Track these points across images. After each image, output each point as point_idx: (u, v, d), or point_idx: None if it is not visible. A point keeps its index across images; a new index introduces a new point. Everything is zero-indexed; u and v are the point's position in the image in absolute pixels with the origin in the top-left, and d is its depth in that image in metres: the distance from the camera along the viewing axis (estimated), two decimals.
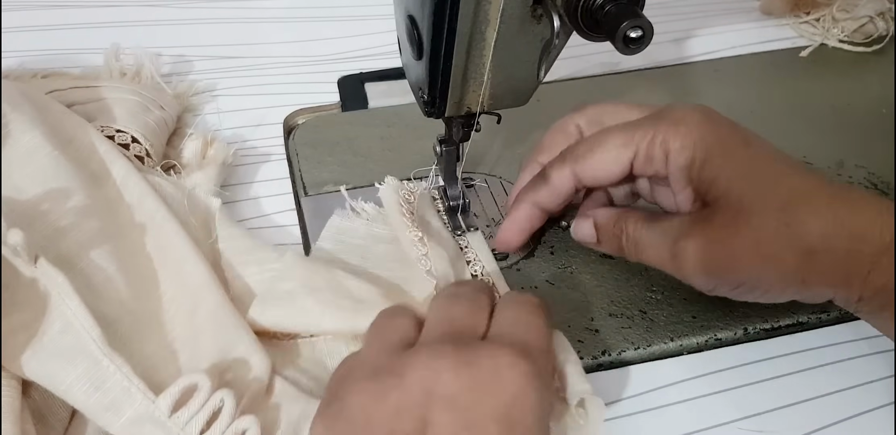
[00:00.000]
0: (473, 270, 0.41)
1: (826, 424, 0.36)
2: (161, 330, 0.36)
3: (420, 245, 0.40)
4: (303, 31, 0.60)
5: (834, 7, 0.61)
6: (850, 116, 0.54)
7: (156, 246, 0.39)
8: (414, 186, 0.44)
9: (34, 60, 0.54)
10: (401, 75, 0.42)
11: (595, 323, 0.39)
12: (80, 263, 0.36)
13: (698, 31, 0.63)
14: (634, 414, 0.36)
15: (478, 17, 0.32)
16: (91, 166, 0.41)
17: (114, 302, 0.35)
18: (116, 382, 0.31)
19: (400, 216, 0.41)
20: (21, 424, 0.31)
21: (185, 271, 0.37)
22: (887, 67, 0.59)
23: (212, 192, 0.43)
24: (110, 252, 0.37)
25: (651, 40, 0.28)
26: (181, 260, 0.38)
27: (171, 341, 0.36)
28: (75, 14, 0.60)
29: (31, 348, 0.31)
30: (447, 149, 0.41)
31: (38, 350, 0.31)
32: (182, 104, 0.51)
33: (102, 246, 0.37)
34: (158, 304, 0.37)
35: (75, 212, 0.37)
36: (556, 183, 0.38)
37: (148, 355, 0.34)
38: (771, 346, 0.39)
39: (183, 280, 0.37)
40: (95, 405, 0.31)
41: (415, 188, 0.44)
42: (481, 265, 0.41)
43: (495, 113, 0.38)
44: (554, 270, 0.42)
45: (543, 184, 0.39)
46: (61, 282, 0.32)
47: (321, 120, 0.53)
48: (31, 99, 0.42)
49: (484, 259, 0.41)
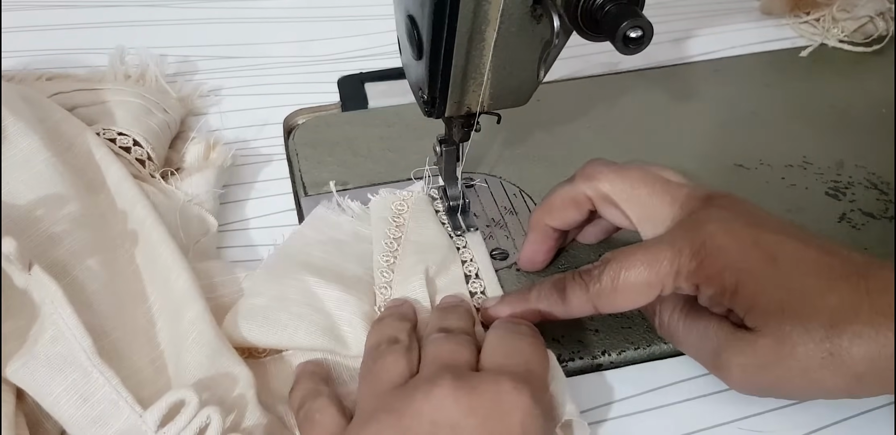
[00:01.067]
0: (468, 271, 0.41)
1: (826, 424, 0.36)
2: (150, 343, 0.36)
3: (387, 271, 0.40)
4: (303, 31, 0.60)
5: (834, 7, 0.61)
6: (850, 116, 0.54)
7: (145, 255, 0.39)
8: (408, 194, 0.44)
9: (35, 61, 0.54)
10: (401, 75, 0.42)
11: (595, 323, 0.39)
12: (72, 272, 0.35)
13: (698, 31, 0.63)
14: (634, 414, 0.36)
15: (478, 17, 0.32)
16: (88, 173, 0.41)
17: (104, 313, 0.35)
18: (105, 395, 0.30)
19: (382, 230, 0.42)
20: (17, 430, 0.31)
21: (171, 280, 0.37)
22: (887, 67, 0.59)
23: (211, 195, 0.43)
24: (102, 262, 0.37)
25: (651, 40, 0.28)
26: (167, 269, 0.37)
27: (160, 354, 0.35)
28: (76, 14, 0.60)
29: (21, 356, 0.31)
30: (447, 149, 0.41)
31: (29, 359, 0.31)
32: (186, 107, 0.51)
33: (95, 255, 0.37)
34: (147, 316, 0.37)
35: (69, 219, 0.37)
36: (575, 310, 0.35)
37: (137, 368, 0.34)
38: None
39: (169, 290, 0.37)
40: (82, 418, 0.30)
41: (409, 196, 0.44)
42: (476, 267, 0.41)
43: (495, 113, 0.38)
44: (554, 271, 0.42)
45: (560, 304, 0.35)
46: (54, 290, 0.31)
47: (321, 120, 0.53)
48: (31, 103, 0.41)
49: (480, 260, 0.41)
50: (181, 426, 0.30)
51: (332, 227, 0.43)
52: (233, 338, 0.36)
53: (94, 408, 0.30)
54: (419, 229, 0.42)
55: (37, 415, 0.33)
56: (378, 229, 0.42)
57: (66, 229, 0.37)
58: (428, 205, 0.44)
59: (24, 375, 0.31)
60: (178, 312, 0.36)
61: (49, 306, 0.31)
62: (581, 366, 0.38)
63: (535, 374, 0.31)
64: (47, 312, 0.31)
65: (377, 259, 0.41)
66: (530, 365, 0.32)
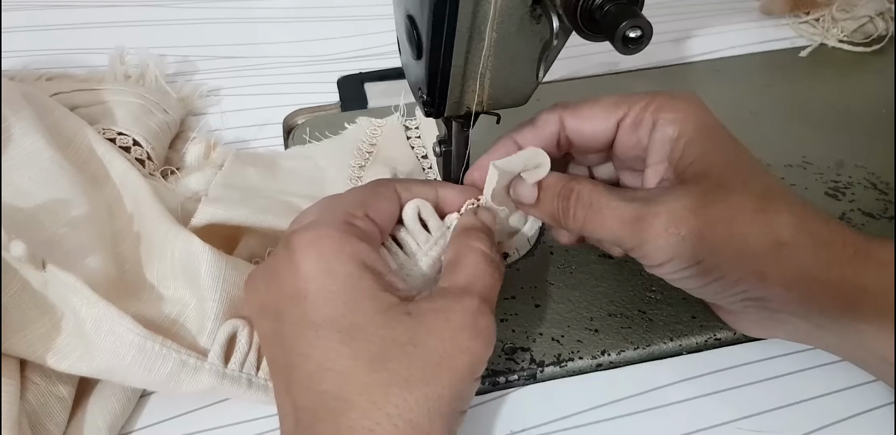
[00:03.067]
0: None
1: (826, 424, 0.36)
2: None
3: (357, 171, 0.45)
4: (303, 31, 0.60)
5: (834, 7, 0.61)
6: (850, 116, 0.54)
7: (149, 248, 0.39)
8: (384, 121, 0.49)
9: (35, 61, 0.54)
10: (400, 75, 0.42)
11: (595, 323, 0.39)
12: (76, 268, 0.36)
13: (698, 31, 0.63)
14: (634, 414, 0.36)
15: (477, 17, 0.32)
16: (91, 168, 0.41)
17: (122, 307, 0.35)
18: (166, 359, 0.33)
19: (356, 145, 0.47)
20: (18, 431, 0.31)
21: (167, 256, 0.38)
22: (887, 67, 0.59)
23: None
24: (106, 258, 0.37)
25: (650, 40, 0.28)
26: (164, 246, 0.38)
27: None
28: (76, 14, 0.60)
29: (74, 350, 0.33)
30: (447, 149, 0.41)
31: (83, 351, 0.33)
32: (186, 107, 0.51)
33: (99, 252, 0.37)
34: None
35: (74, 217, 0.38)
36: (541, 123, 0.36)
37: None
38: (770, 346, 0.39)
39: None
40: (154, 382, 0.33)
41: (384, 123, 0.49)
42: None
43: (495, 113, 0.38)
44: (554, 270, 0.42)
45: (528, 124, 0.37)
46: (73, 282, 0.33)
47: (321, 120, 0.53)
48: (32, 101, 0.42)
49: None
50: (244, 352, 0.34)
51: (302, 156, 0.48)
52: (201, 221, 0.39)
53: (162, 371, 0.33)
54: (390, 150, 0.47)
55: (39, 416, 0.33)
56: (351, 144, 0.47)
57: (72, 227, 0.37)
58: (401, 132, 0.49)
59: (83, 366, 0.33)
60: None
61: (76, 298, 0.33)
62: (581, 366, 0.38)
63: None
64: (77, 304, 0.33)
65: (350, 164, 0.45)
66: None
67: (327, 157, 0.47)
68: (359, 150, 0.47)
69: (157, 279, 0.38)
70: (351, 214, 0.32)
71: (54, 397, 0.34)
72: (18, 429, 0.31)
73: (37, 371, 0.34)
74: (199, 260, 0.36)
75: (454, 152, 0.41)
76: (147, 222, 0.39)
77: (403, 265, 0.34)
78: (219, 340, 0.34)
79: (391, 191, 0.35)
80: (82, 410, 0.35)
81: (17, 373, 0.33)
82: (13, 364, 0.33)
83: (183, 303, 0.37)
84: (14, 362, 0.33)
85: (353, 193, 0.34)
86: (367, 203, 0.33)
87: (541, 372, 0.38)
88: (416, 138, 0.50)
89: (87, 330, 0.32)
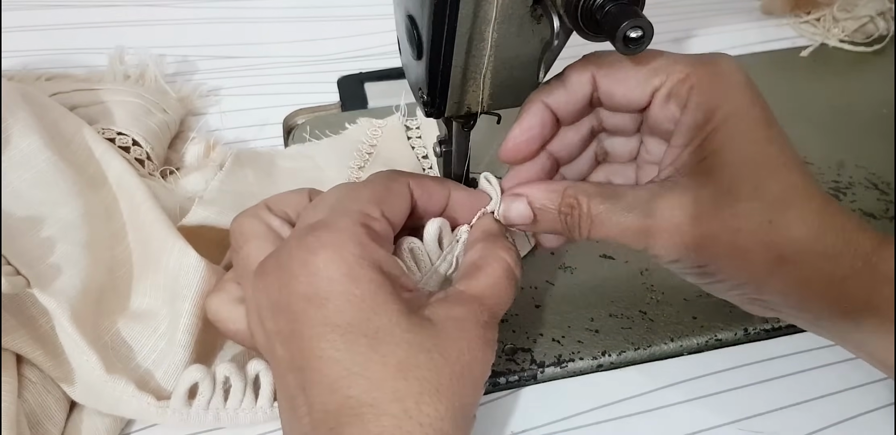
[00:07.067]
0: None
1: (826, 425, 0.36)
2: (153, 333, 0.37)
3: (356, 171, 0.45)
4: (303, 31, 0.60)
5: (834, 7, 0.61)
6: (850, 116, 0.54)
7: (146, 250, 0.39)
8: (384, 122, 0.49)
9: (35, 61, 0.54)
10: (401, 75, 0.42)
11: (595, 323, 0.39)
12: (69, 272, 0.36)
13: (698, 31, 0.63)
14: (635, 414, 0.36)
15: (478, 17, 0.32)
16: (89, 169, 0.41)
17: (111, 312, 0.36)
18: (129, 403, 0.33)
19: (356, 146, 0.47)
20: (17, 430, 0.31)
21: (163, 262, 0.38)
22: (887, 67, 0.59)
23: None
24: (99, 263, 0.37)
25: (651, 40, 0.28)
26: (160, 251, 0.38)
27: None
28: (76, 14, 0.60)
29: (74, 383, 0.34)
30: (447, 149, 0.41)
31: (79, 384, 0.34)
32: (186, 107, 0.51)
33: (92, 257, 0.37)
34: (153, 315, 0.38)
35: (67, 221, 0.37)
36: (573, 85, 0.34)
37: (144, 356, 0.36)
38: (771, 346, 0.39)
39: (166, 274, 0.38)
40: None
41: (384, 124, 0.49)
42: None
43: (496, 113, 0.38)
44: (554, 270, 0.42)
45: (559, 85, 0.34)
46: (53, 308, 0.33)
47: (321, 120, 0.53)
48: (30, 101, 0.41)
49: None
50: (207, 397, 0.34)
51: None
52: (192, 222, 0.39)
53: (125, 411, 0.34)
54: (390, 150, 0.47)
55: (37, 416, 0.33)
56: (351, 145, 0.47)
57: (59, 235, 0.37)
58: (402, 132, 0.49)
59: (83, 397, 0.34)
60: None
61: (56, 323, 0.33)
62: (581, 366, 0.38)
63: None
64: (57, 328, 0.34)
65: (349, 165, 0.45)
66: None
67: (327, 156, 0.47)
68: (359, 150, 0.47)
69: (147, 287, 0.38)
70: (367, 215, 0.31)
71: (52, 397, 0.34)
72: (17, 429, 0.31)
73: (34, 370, 0.34)
74: (192, 275, 0.36)
75: (455, 152, 0.40)
76: (146, 227, 0.39)
77: (415, 274, 0.34)
78: (181, 388, 0.34)
79: (405, 187, 0.34)
80: (82, 411, 0.35)
81: (14, 371, 0.33)
82: (11, 362, 0.33)
83: (163, 315, 0.37)
84: (11, 360, 0.33)
85: (368, 189, 0.33)
86: (382, 201, 0.32)
87: (541, 373, 0.38)
88: (416, 138, 0.50)
89: (67, 352, 0.33)
